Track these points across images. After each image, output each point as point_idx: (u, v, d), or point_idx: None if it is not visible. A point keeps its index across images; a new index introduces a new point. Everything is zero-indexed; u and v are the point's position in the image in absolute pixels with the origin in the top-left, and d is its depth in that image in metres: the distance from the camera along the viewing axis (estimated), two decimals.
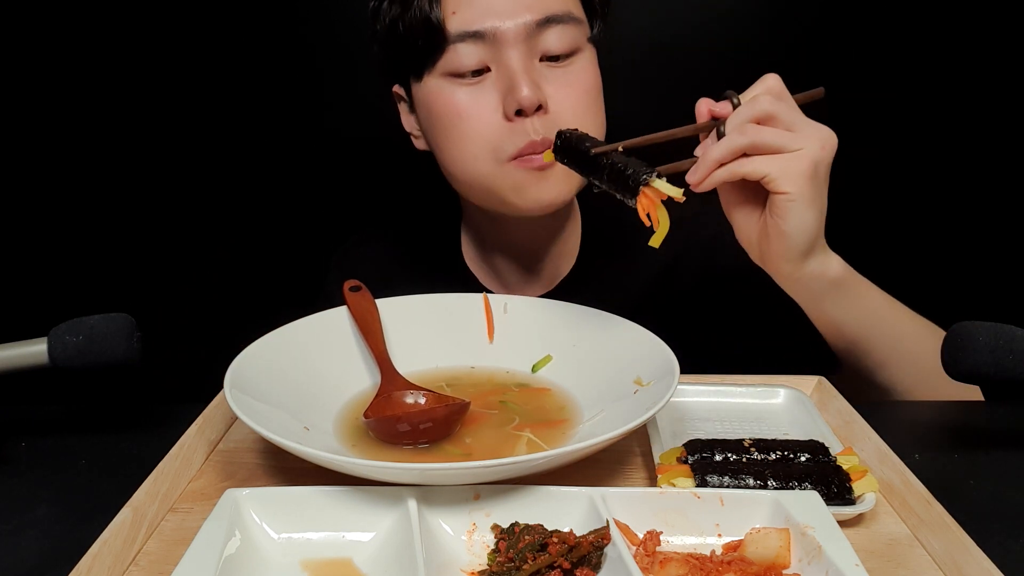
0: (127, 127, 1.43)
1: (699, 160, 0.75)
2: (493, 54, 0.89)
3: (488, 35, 0.88)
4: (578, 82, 0.92)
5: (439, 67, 0.91)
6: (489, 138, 0.90)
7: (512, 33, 0.88)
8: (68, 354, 0.71)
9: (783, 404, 0.78)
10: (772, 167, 0.74)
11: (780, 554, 0.53)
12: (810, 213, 0.76)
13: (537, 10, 0.88)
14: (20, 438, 0.76)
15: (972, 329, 0.70)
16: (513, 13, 0.88)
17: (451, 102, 0.91)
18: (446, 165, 0.96)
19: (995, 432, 0.80)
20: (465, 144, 0.91)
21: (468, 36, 0.88)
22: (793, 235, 0.77)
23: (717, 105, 0.78)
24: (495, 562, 0.52)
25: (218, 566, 0.51)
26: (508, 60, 0.88)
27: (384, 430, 0.69)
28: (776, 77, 0.78)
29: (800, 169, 0.74)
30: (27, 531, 0.62)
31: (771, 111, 0.75)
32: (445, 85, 0.91)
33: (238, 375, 0.67)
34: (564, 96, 0.90)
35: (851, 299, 0.84)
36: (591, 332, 0.80)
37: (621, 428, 0.58)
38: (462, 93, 0.90)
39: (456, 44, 0.89)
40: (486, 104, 0.89)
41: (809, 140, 0.75)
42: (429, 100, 0.93)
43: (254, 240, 1.49)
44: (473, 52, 0.89)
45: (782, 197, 0.75)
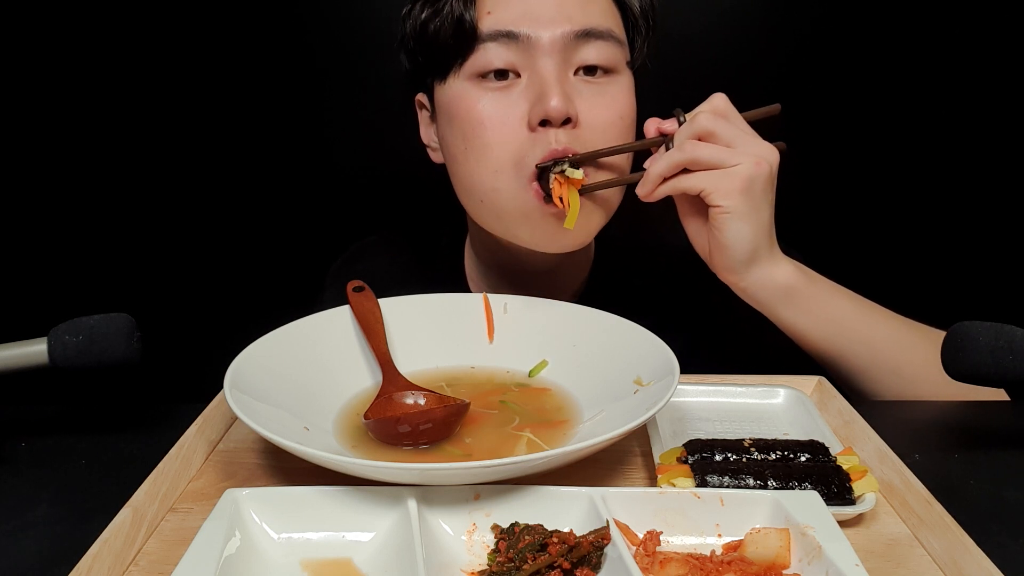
0: (127, 128, 1.43)
1: (645, 174, 0.82)
2: (525, 60, 0.85)
3: (522, 38, 0.84)
4: (614, 103, 0.88)
5: (466, 68, 0.87)
6: (511, 149, 0.85)
7: (548, 41, 0.84)
8: (68, 354, 0.71)
9: (783, 404, 0.78)
10: (707, 182, 0.80)
11: (780, 554, 0.53)
12: (745, 225, 0.81)
13: (577, 21, 0.85)
14: (20, 438, 0.76)
15: (972, 329, 0.71)
16: (552, 20, 0.84)
17: (475, 107, 0.86)
18: (462, 177, 0.91)
19: (995, 432, 0.80)
20: (485, 153, 0.86)
21: (501, 35, 0.85)
22: (731, 246, 0.82)
23: (664, 123, 0.83)
24: (495, 562, 0.52)
25: (218, 566, 0.50)
26: (541, 68, 0.84)
27: (384, 431, 0.69)
28: (723, 96, 0.83)
29: (734, 185, 0.79)
30: (27, 531, 0.62)
31: (710, 128, 0.80)
32: (470, 88, 0.87)
33: (238, 375, 0.67)
34: (596, 114, 0.86)
35: (806, 306, 0.86)
36: (591, 332, 0.80)
37: (621, 428, 0.58)
38: (487, 98, 0.86)
39: (487, 43, 0.85)
40: (512, 112, 0.85)
41: (745, 157, 0.80)
42: (452, 103, 0.89)
43: (254, 240, 1.49)
44: (503, 53, 0.85)
45: (716, 210, 0.81)
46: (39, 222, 1.46)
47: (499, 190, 0.87)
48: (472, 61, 0.86)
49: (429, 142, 0.99)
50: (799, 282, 0.85)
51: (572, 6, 0.86)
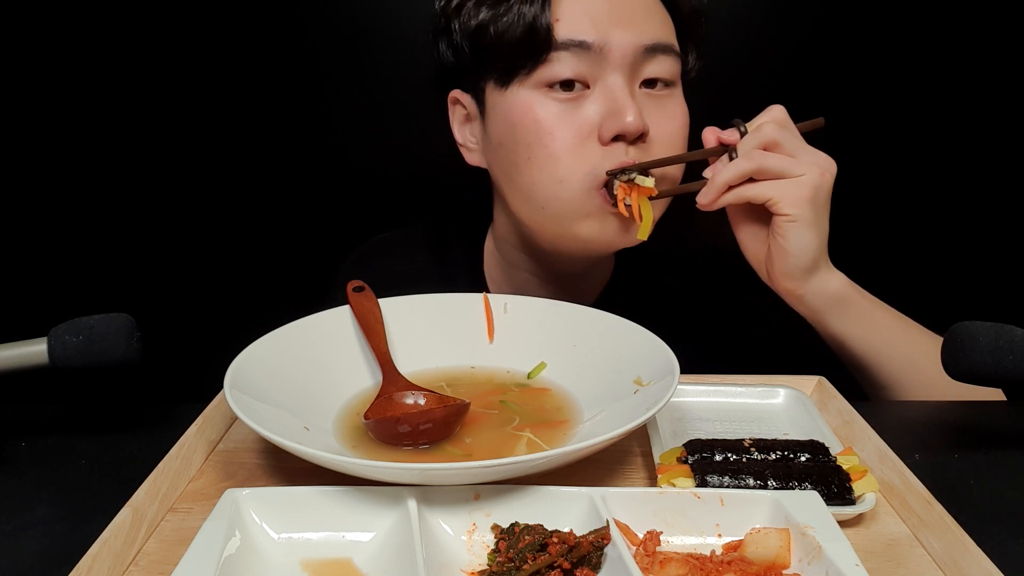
0: (127, 127, 1.43)
1: (709, 183, 0.83)
2: (594, 71, 0.85)
3: (595, 49, 0.84)
4: (675, 117, 0.90)
5: (534, 76, 0.85)
6: (581, 160, 0.85)
7: (619, 54, 0.84)
8: (68, 354, 0.71)
9: (783, 404, 0.78)
10: (776, 191, 0.81)
11: (780, 554, 0.53)
12: (810, 234, 0.82)
13: (646, 35, 0.85)
14: (20, 438, 0.76)
15: (972, 329, 0.71)
16: (623, 33, 0.84)
17: (543, 117, 0.85)
18: (521, 184, 0.90)
19: (995, 432, 0.80)
20: (554, 164, 0.86)
21: (574, 45, 0.83)
22: (794, 254, 0.83)
23: (724, 132, 0.84)
24: (495, 562, 0.52)
25: (218, 566, 0.50)
26: (611, 81, 0.84)
27: (384, 431, 0.69)
28: (781, 108, 0.85)
29: (801, 194, 0.80)
30: (27, 531, 0.62)
31: (776, 138, 0.81)
32: (537, 96, 0.86)
33: (238, 375, 0.67)
34: (663, 127, 0.87)
35: (854, 316, 0.87)
36: (591, 332, 0.80)
37: (621, 428, 0.58)
38: (556, 109, 0.85)
39: (559, 52, 0.84)
40: (583, 125, 0.85)
41: (810, 167, 0.81)
42: (515, 111, 0.87)
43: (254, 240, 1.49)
44: (574, 63, 0.84)
45: (784, 219, 0.81)
46: (39, 222, 1.46)
47: (563, 198, 0.87)
48: (542, 70, 0.85)
49: (465, 142, 0.97)
50: (850, 291, 0.87)
51: (640, 19, 0.86)
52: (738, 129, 0.83)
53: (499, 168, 0.93)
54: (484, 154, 0.95)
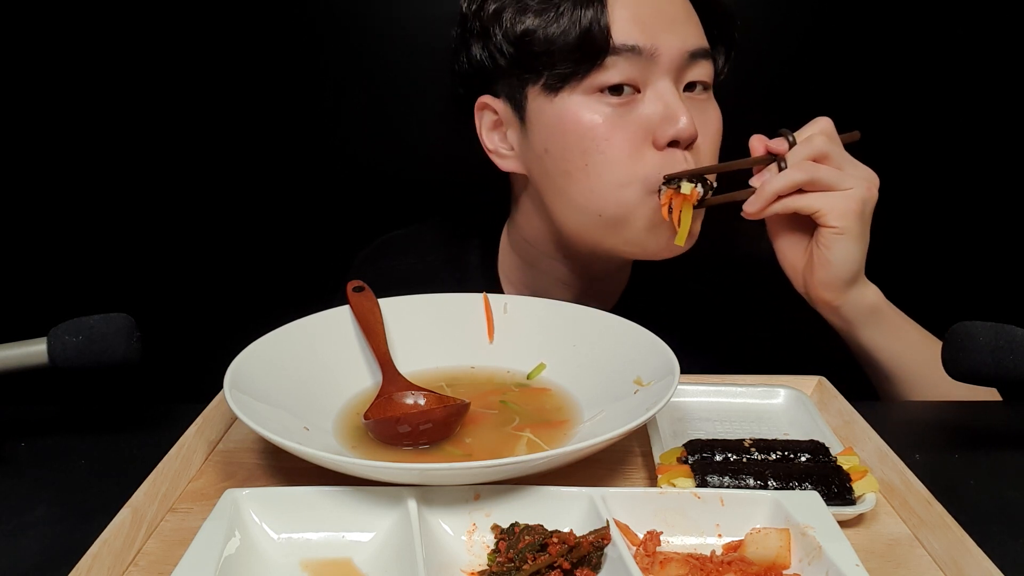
0: (127, 127, 1.43)
1: (758, 191, 0.83)
2: (644, 75, 0.84)
3: (646, 53, 0.83)
4: (714, 120, 0.90)
5: (587, 82, 0.84)
6: (639, 166, 0.85)
7: (668, 56, 0.84)
8: (68, 354, 0.70)
9: (783, 404, 0.78)
10: (825, 203, 0.81)
11: (780, 554, 0.53)
12: (855, 247, 0.83)
13: (691, 39, 0.86)
14: (20, 438, 0.76)
15: (972, 329, 0.71)
16: (671, 36, 0.84)
17: (598, 123, 0.84)
18: (576, 192, 0.88)
19: (995, 432, 0.80)
20: (612, 170, 0.85)
21: (626, 50, 0.83)
22: (838, 266, 0.83)
23: (772, 142, 0.84)
24: (495, 562, 0.52)
25: (218, 566, 0.50)
26: (662, 86, 0.84)
27: (384, 431, 0.69)
28: (828, 120, 0.85)
29: (850, 207, 0.81)
30: (27, 531, 0.62)
31: (826, 151, 0.82)
32: (590, 102, 0.84)
33: (238, 375, 0.67)
34: (705, 131, 0.87)
35: (886, 329, 0.89)
36: (591, 332, 0.80)
37: (621, 428, 0.58)
38: (610, 114, 0.84)
39: (612, 57, 0.83)
40: (636, 128, 0.84)
41: (859, 180, 0.82)
42: (566, 117, 0.85)
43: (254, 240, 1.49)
44: (627, 68, 0.83)
45: (831, 231, 0.82)
46: (39, 222, 1.46)
47: (624, 203, 0.86)
48: (595, 76, 0.84)
49: (496, 148, 0.95)
50: (883, 303, 0.88)
51: (682, 23, 0.86)
52: (786, 139, 0.84)
53: (545, 175, 0.90)
54: (523, 161, 0.93)
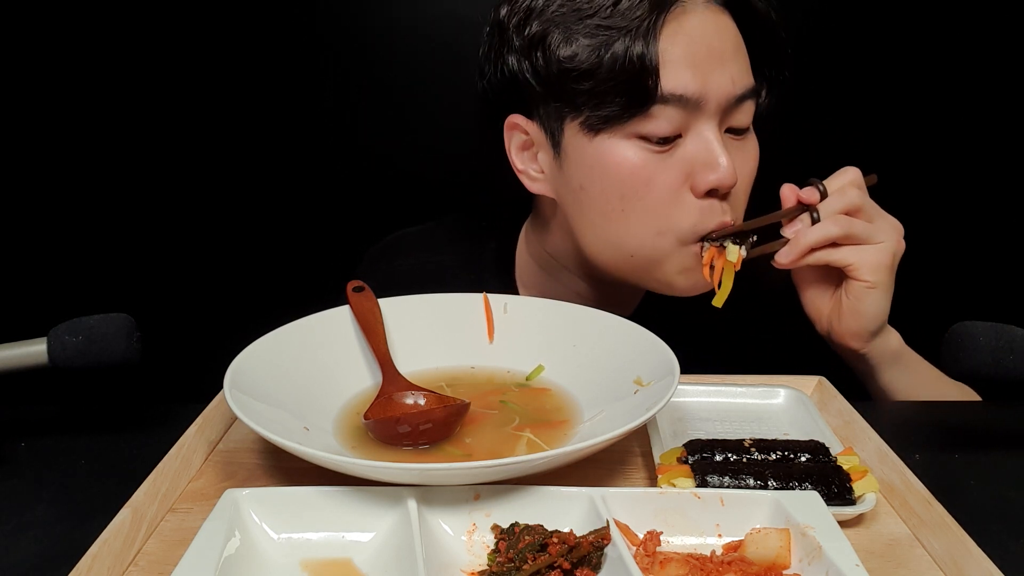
0: (127, 127, 1.43)
1: (792, 243, 0.82)
2: (688, 121, 0.81)
3: (692, 102, 0.80)
4: (751, 159, 0.88)
5: (630, 127, 0.81)
6: (677, 214, 0.83)
7: (715, 103, 0.81)
8: (68, 354, 0.70)
9: (783, 404, 0.78)
10: (858, 257, 0.82)
11: (780, 554, 0.53)
12: (884, 299, 0.84)
13: (739, 84, 0.82)
14: (20, 438, 0.76)
15: (972, 329, 0.71)
16: (721, 79, 0.81)
17: (640, 169, 0.81)
18: (611, 233, 0.86)
19: (995, 432, 0.80)
20: (650, 217, 0.83)
21: (675, 98, 0.79)
22: (867, 317, 0.84)
23: (803, 191, 0.83)
24: (495, 562, 0.52)
25: (218, 566, 0.50)
26: (705, 132, 0.82)
27: (384, 431, 0.69)
28: (857, 171, 0.85)
29: (882, 261, 0.82)
30: (27, 531, 0.62)
31: (859, 204, 0.82)
32: (631, 147, 0.81)
33: (238, 375, 0.67)
34: (742, 174, 0.85)
35: (905, 372, 0.90)
36: (591, 332, 0.80)
37: (621, 428, 0.58)
38: (651, 160, 0.81)
39: (659, 106, 0.79)
40: (676, 174, 0.82)
41: (890, 233, 0.83)
42: (608, 161, 0.82)
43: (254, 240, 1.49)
44: (673, 116, 0.80)
45: (862, 284, 0.82)
46: (39, 222, 1.46)
47: (660, 249, 0.85)
48: (640, 123, 0.80)
49: (526, 169, 0.91)
50: (904, 348, 0.90)
51: (732, 60, 0.82)
52: (816, 188, 0.83)
53: (579, 209, 0.88)
54: (554, 187, 0.90)
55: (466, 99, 1.00)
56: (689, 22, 0.80)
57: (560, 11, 0.82)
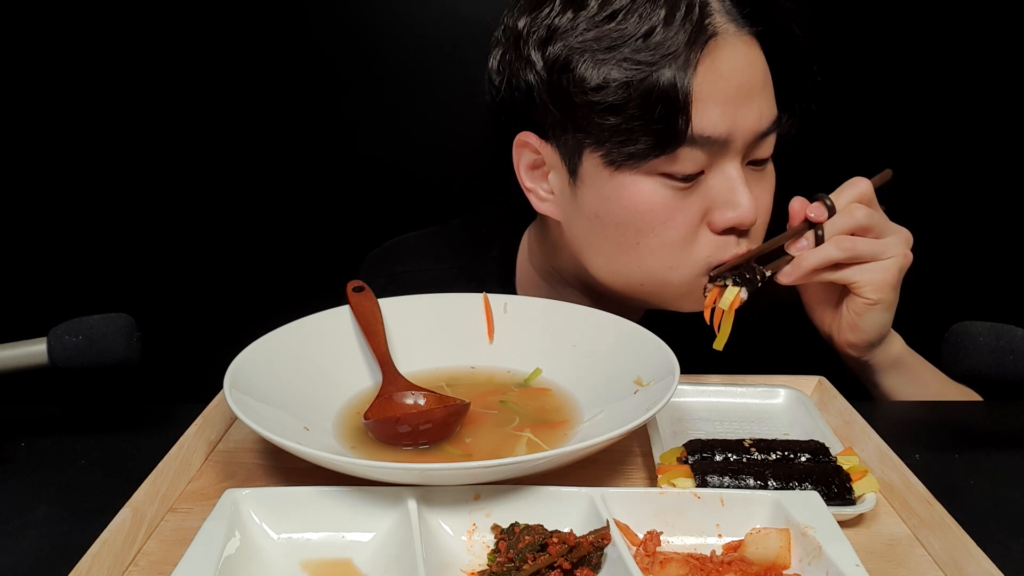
0: (127, 127, 1.43)
1: (794, 263, 0.80)
2: (712, 159, 0.78)
3: (720, 141, 0.77)
4: (769, 187, 0.85)
5: (654, 164, 0.77)
6: (693, 250, 0.81)
7: (741, 141, 0.78)
8: (68, 354, 0.71)
9: (783, 404, 0.78)
10: (862, 277, 0.80)
11: (780, 554, 0.53)
12: (888, 314, 0.83)
13: (766, 118, 0.79)
14: (20, 438, 0.76)
15: (972, 329, 0.71)
16: (747, 117, 0.77)
17: (661, 206, 0.79)
18: (622, 264, 0.84)
19: (995, 432, 0.80)
20: (665, 253, 0.81)
21: (703, 140, 0.76)
22: (867, 332, 0.83)
23: (812, 208, 0.80)
24: (495, 562, 0.52)
25: (218, 566, 0.50)
26: (728, 169, 0.79)
27: (384, 431, 0.69)
28: (868, 183, 0.82)
29: (887, 279, 0.80)
30: (27, 531, 0.62)
31: (867, 224, 0.79)
32: (653, 184, 0.78)
33: (238, 375, 0.67)
34: (762, 203, 0.83)
35: (907, 376, 0.89)
36: (591, 332, 0.80)
37: (621, 428, 0.58)
38: (672, 197, 0.79)
39: (689, 147, 0.76)
40: (696, 211, 0.80)
41: (897, 248, 0.80)
42: (627, 196, 0.79)
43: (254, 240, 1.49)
44: (700, 157, 0.77)
45: (866, 302, 0.81)
46: (39, 222, 1.46)
47: (670, 283, 0.83)
48: (666, 163, 0.77)
49: (535, 188, 0.88)
50: (906, 352, 0.89)
51: (760, 98, 0.79)
52: (824, 204, 0.80)
53: (590, 237, 0.85)
54: (562, 210, 0.87)
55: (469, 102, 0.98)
56: (721, 56, 0.76)
57: (586, 35, 0.76)
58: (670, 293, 0.85)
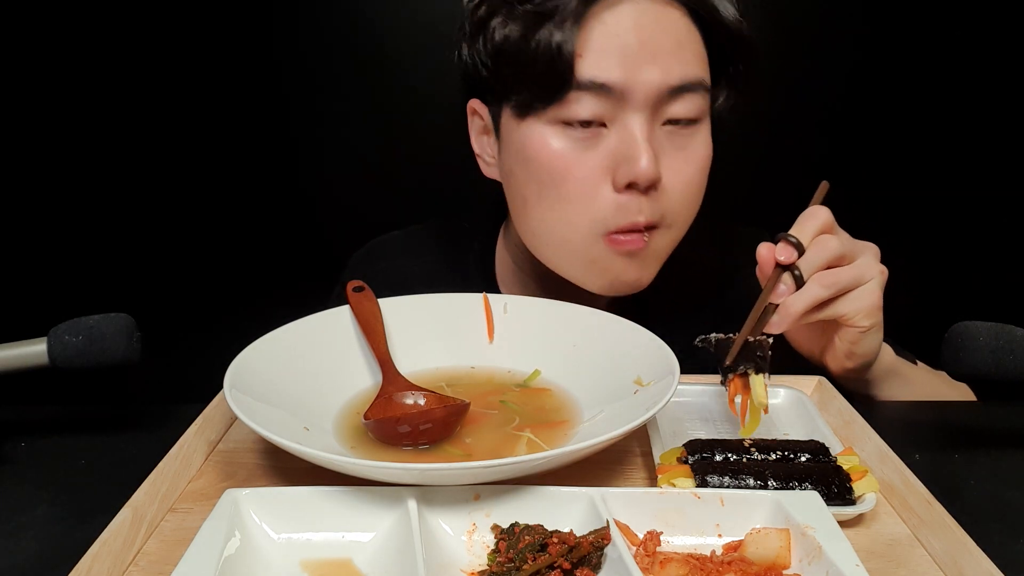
0: (127, 127, 1.43)
1: (780, 311, 0.76)
2: (613, 110, 0.80)
3: (616, 92, 0.79)
4: (695, 157, 0.85)
5: (551, 112, 0.81)
6: (592, 207, 0.82)
7: (643, 94, 0.79)
8: (68, 354, 0.71)
9: (783, 404, 0.78)
10: (852, 307, 0.77)
11: (780, 554, 0.53)
12: (879, 334, 0.82)
13: (674, 75, 0.80)
14: (20, 438, 0.76)
15: (972, 329, 0.71)
16: (648, 74, 0.79)
17: (559, 156, 0.81)
18: (530, 219, 0.87)
19: (995, 432, 0.80)
20: (564, 206, 0.83)
21: (596, 86, 0.79)
22: (868, 354, 0.82)
23: (779, 251, 0.76)
24: (495, 562, 0.52)
25: (218, 566, 0.50)
26: (630, 123, 0.80)
27: (384, 431, 0.69)
28: (827, 211, 0.79)
29: (874, 301, 0.78)
30: (27, 531, 0.62)
31: (840, 253, 0.77)
32: (553, 133, 0.82)
33: (238, 375, 0.67)
34: (678, 172, 0.83)
35: (900, 381, 0.89)
36: (591, 332, 0.80)
37: (621, 428, 0.58)
38: (571, 148, 0.81)
39: (580, 92, 0.79)
40: (596, 165, 0.81)
41: (873, 267, 0.78)
42: (530, 145, 0.83)
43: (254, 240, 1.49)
44: (594, 105, 0.80)
45: (858, 330, 0.79)
46: (39, 222, 1.47)
47: (571, 240, 0.85)
48: (560, 109, 0.81)
49: (482, 153, 0.94)
50: (895, 360, 0.89)
51: (670, 54, 0.80)
52: (789, 243, 0.76)
53: (510, 196, 0.90)
54: (500, 173, 0.92)
55: None
56: (623, 12, 0.80)
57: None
58: (574, 260, 0.86)
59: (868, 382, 0.88)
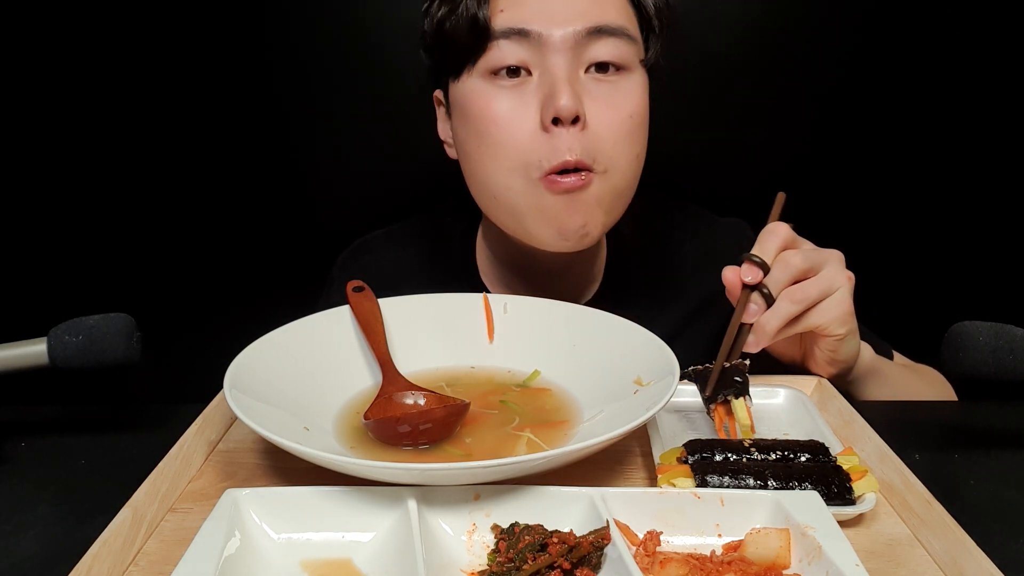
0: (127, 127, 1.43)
1: (755, 331, 0.78)
2: (537, 57, 0.85)
3: (534, 36, 0.84)
4: (624, 103, 0.87)
5: (480, 65, 0.87)
6: (523, 148, 0.85)
7: (559, 38, 0.84)
8: (68, 354, 0.71)
9: (783, 404, 0.78)
10: (824, 317, 0.79)
11: (780, 554, 0.53)
12: (856, 338, 0.83)
13: (589, 18, 0.85)
14: (20, 438, 0.76)
15: (972, 329, 0.71)
16: (564, 18, 0.84)
17: (489, 105, 0.86)
18: (475, 174, 0.91)
19: (995, 432, 0.80)
20: (498, 152, 0.87)
21: (513, 33, 0.85)
22: (848, 359, 0.84)
23: (744, 272, 0.78)
24: (495, 562, 0.52)
25: (218, 566, 0.51)
26: (552, 66, 0.84)
27: (384, 431, 0.69)
28: (785, 226, 0.80)
29: (845, 308, 0.79)
30: (27, 531, 0.62)
31: (804, 267, 0.78)
32: (484, 86, 0.87)
33: (238, 375, 0.67)
34: (605, 114, 0.86)
35: (878, 380, 0.90)
36: (591, 332, 0.80)
37: (621, 428, 0.58)
38: (501, 96, 0.86)
39: (499, 40, 0.85)
40: (524, 111, 0.85)
41: (840, 274, 0.79)
42: (465, 101, 0.89)
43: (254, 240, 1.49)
44: (516, 51, 0.85)
45: (834, 339, 0.80)
46: (39, 222, 1.46)
47: (512, 188, 0.87)
48: (485, 59, 0.86)
49: (446, 138, 0.99)
50: (875, 360, 0.90)
51: (586, 3, 0.85)
52: (752, 263, 0.77)
53: (461, 160, 0.94)
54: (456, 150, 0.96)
55: None
56: None
57: None
58: (520, 209, 0.88)
59: (851, 382, 0.89)
